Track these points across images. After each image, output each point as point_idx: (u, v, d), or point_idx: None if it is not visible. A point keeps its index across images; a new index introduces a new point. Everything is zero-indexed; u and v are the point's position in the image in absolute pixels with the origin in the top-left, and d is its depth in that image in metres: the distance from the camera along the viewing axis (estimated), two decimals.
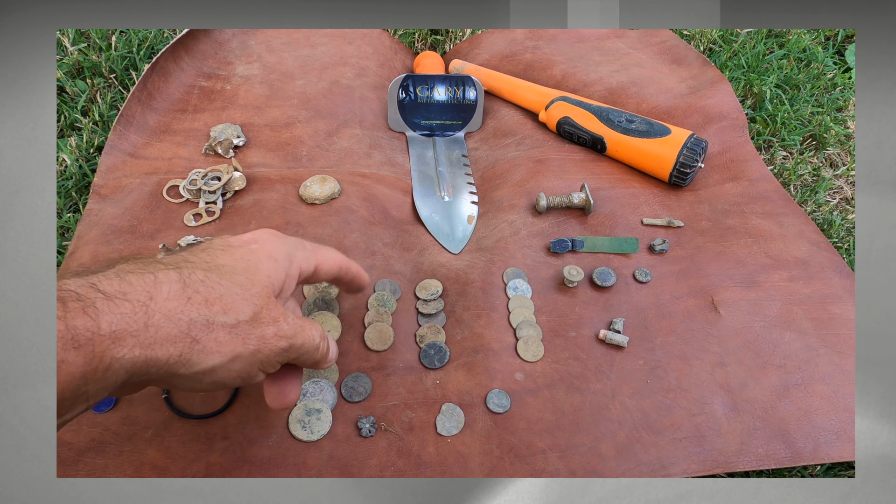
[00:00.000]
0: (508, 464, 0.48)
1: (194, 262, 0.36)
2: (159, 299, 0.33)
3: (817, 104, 0.84)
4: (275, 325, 0.37)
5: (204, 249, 0.38)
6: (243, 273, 0.37)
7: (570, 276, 0.59)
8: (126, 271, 0.33)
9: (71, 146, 0.71)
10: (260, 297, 0.37)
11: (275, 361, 0.38)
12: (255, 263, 0.38)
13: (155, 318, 0.32)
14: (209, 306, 0.34)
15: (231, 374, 0.36)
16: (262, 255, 0.39)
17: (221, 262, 0.37)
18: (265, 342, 0.37)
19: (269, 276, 0.38)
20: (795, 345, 0.56)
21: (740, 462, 0.49)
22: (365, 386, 0.52)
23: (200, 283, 0.35)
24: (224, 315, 0.35)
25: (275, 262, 0.39)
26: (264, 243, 0.40)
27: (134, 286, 0.33)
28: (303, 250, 0.43)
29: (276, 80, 0.82)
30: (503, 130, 0.80)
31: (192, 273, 0.35)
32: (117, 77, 0.82)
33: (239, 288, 0.36)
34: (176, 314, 0.33)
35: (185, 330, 0.33)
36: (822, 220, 0.70)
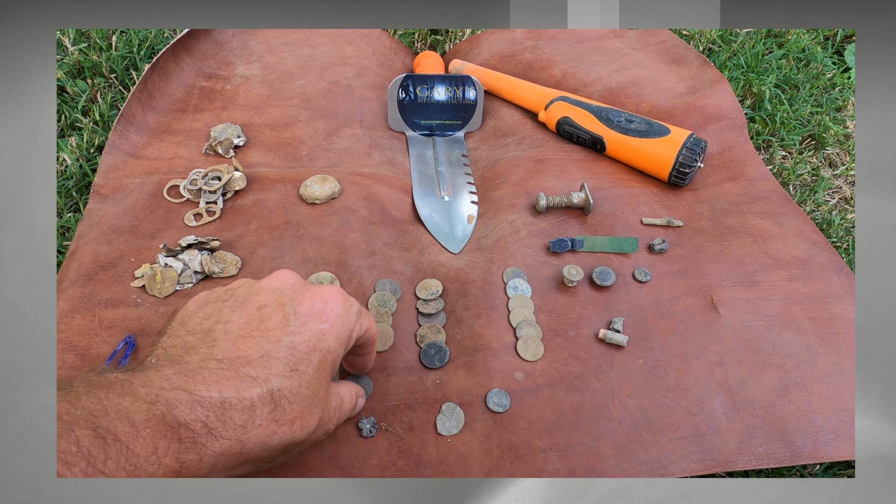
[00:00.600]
0: (508, 463, 0.48)
1: (274, 366, 0.37)
2: (252, 427, 0.35)
3: (816, 104, 0.84)
4: (326, 425, 0.40)
5: (282, 329, 0.39)
6: (314, 373, 0.38)
7: (570, 275, 0.59)
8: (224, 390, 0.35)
9: (71, 146, 0.71)
10: (323, 400, 0.39)
11: (331, 427, 0.42)
12: (324, 354, 0.39)
13: (248, 446, 0.35)
14: (291, 426, 0.37)
15: (302, 447, 0.39)
16: (332, 340, 0.40)
17: (297, 360, 0.38)
18: (322, 426, 0.40)
19: (334, 365, 0.40)
20: (794, 344, 0.56)
21: (740, 461, 0.49)
22: (367, 387, 0.52)
23: (286, 402, 0.36)
24: (302, 431, 0.37)
25: (339, 344, 0.40)
26: (334, 323, 0.40)
27: (233, 418, 0.34)
28: (358, 322, 0.43)
29: (277, 80, 0.82)
30: (503, 130, 0.80)
31: (279, 390, 0.36)
32: (118, 77, 0.82)
33: (313, 396, 0.38)
34: (264, 439, 0.35)
35: (267, 455, 0.36)
36: (821, 219, 0.70)
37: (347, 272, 0.59)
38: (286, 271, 0.44)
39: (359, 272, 0.59)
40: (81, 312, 0.55)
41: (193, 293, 0.57)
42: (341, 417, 0.43)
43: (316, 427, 0.39)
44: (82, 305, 0.55)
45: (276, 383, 0.36)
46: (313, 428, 0.38)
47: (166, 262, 0.58)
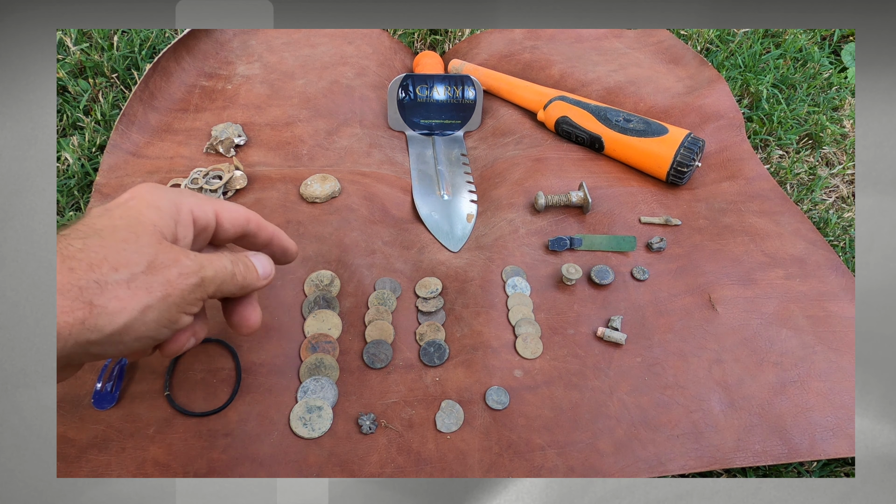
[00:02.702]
0: (507, 460, 0.48)
1: (69, 234, 0.35)
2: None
3: (813, 103, 0.85)
4: (176, 265, 0.36)
5: (81, 220, 0.37)
6: (125, 229, 0.36)
7: (569, 273, 0.59)
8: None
9: (73, 145, 0.71)
10: (150, 246, 0.36)
11: (192, 299, 0.38)
12: (136, 216, 0.37)
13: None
14: (95, 269, 0.34)
15: (150, 325, 0.35)
16: (143, 207, 0.38)
17: (100, 227, 0.36)
18: (172, 285, 0.36)
19: (153, 224, 0.37)
20: (792, 342, 0.56)
21: (737, 458, 0.49)
22: (386, 352, 0.54)
23: (79, 251, 0.34)
24: (115, 273, 0.34)
25: (157, 209, 0.38)
26: (142, 196, 0.39)
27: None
28: (194, 198, 0.41)
29: (277, 80, 0.82)
30: (502, 129, 0.80)
31: (69, 244, 0.34)
32: (119, 77, 0.82)
33: (123, 244, 0.35)
34: (62, 287, 0.32)
35: (76, 297, 0.33)
36: (818, 218, 0.70)
37: (347, 271, 0.60)
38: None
39: (359, 271, 0.60)
40: None
41: None
42: (223, 267, 0.40)
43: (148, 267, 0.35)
44: None
45: (62, 244, 0.34)
46: (141, 269, 0.35)
47: None
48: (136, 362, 0.52)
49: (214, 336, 0.54)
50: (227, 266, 0.40)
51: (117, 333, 0.34)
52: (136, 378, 0.52)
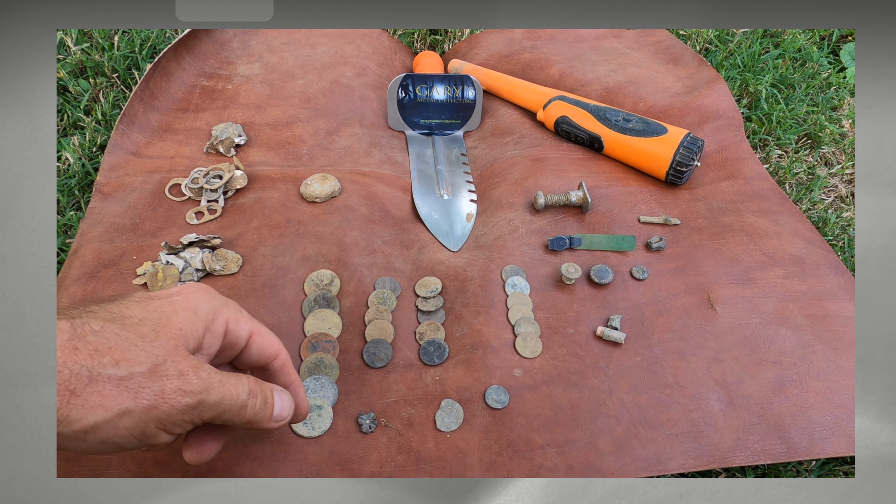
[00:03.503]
0: (507, 459, 0.48)
1: (96, 311, 0.34)
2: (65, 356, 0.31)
3: (812, 103, 0.85)
4: (180, 378, 0.34)
5: (117, 300, 0.36)
6: (151, 324, 0.34)
7: (568, 273, 0.59)
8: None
9: (74, 145, 0.72)
10: (164, 349, 0.34)
11: (179, 420, 0.34)
12: (169, 315, 0.36)
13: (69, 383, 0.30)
14: (97, 357, 0.32)
15: (120, 432, 0.32)
16: (179, 307, 0.36)
17: (129, 314, 0.35)
18: (164, 397, 0.33)
19: (181, 328, 0.35)
20: (791, 341, 0.56)
21: (736, 457, 0.49)
22: (386, 352, 0.54)
23: (93, 333, 0.32)
24: (114, 367, 0.32)
25: (193, 314, 0.37)
26: (186, 296, 0.38)
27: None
28: (235, 311, 0.40)
29: (277, 80, 0.83)
30: (501, 129, 0.80)
31: (87, 323, 0.33)
32: (120, 76, 0.82)
33: (139, 339, 0.33)
34: (60, 366, 0.31)
35: (63, 382, 0.31)
36: (816, 217, 0.71)
37: (347, 270, 0.60)
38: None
39: (359, 270, 0.60)
40: None
41: None
42: (234, 395, 0.36)
43: (150, 371, 0.33)
44: (85, 303, 0.56)
45: (80, 321, 0.33)
46: (142, 370, 0.33)
47: (168, 259, 0.59)
48: None
49: None
50: (241, 396, 0.37)
51: (83, 431, 0.32)
52: None
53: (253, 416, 0.38)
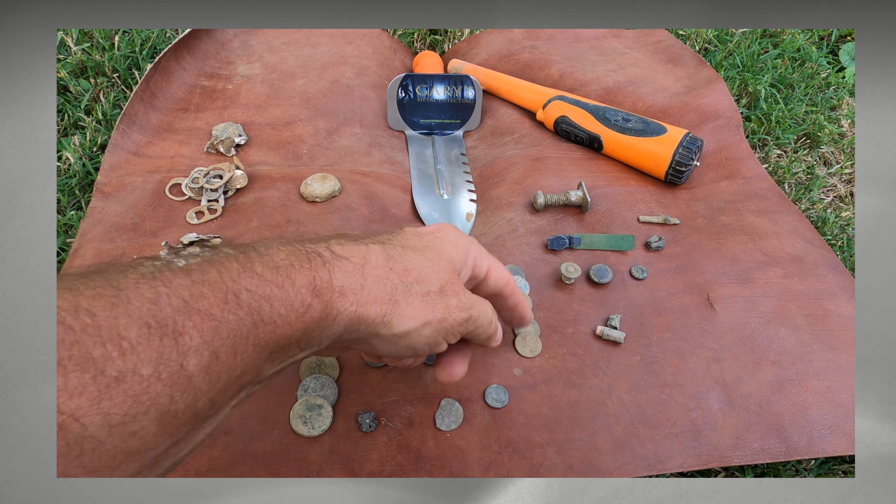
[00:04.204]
0: (507, 458, 0.48)
1: (392, 240, 0.40)
2: (370, 265, 0.37)
3: (811, 103, 0.85)
4: (457, 297, 0.40)
5: (397, 233, 0.42)
6: (431, 251, 0.41)
7: (568, 272, 0.60)
8: (344, 239, 0.38)
9: (74, 145, 0.72)
10: (446, 272, 0.40)
11: (457, 331, 0.41)
12: (441, 246, 0.42)
13: (368, 280, 0.36)
14: (407, 275, 0.38)
15: (422, 339, 0.39)
16: (446, 241, 0.42)
17: (413, 244, 0.41)
18: (450, 312, 0.39)
19: (451, 257, 0.42)
20: (790, 341, 0.56)
21: (735, 456, 0.49)
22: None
23: (400, 255, 0.39)
24: (418, 285, 0.38)
25: (455, 247, 0.42)
26: (446, 232, 0.43)
27: (353, 252, 0.37)
28: (479, 248, 0.45)
29: (277, 80, 0.83)
30: (501, 129, 0.80)
31: (393, 248, 0.39)
32: (120, 76, 0.82)
33: (429, 262, 0.40)
34: (383, 279, 0.37)
35: (389, 293, 0.37)
36: (816, 217, 0.71)
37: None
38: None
39: None
40: None
41: None
42: (485, 313, 0.43)
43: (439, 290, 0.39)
44: None
45: (388, 245, 0.39)
46: (435, 289, 0.39)
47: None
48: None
49: None
50: (489, 314, 0.43)
51: (399, 336, 0.38)
52: None
53: (493, 331, 0.45)
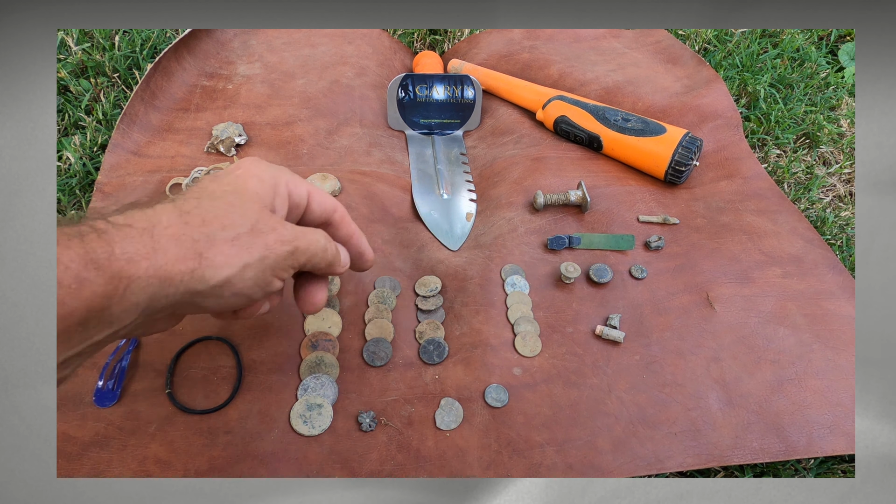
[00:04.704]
0: (506, 458, 0.49)
1: (186, 194, 0.39)
2: (161, 226, 0.35)
3: (810, 103, 0.85)
4: (274, 232, 0.39)
5: (195, 185, 0.41)
6: (232, 195, 0.39)
7: (567, 272, 0.60)
8: (129, 208, 0.36)
9: (75, 144, 0.72)
10: (253, 211, 0.39)
11: (285, 265, 0.40)
12: (243, 184, 0.40)
13: (161, 241, 0.34)
14: (207, 225, 0.36)
15: (247, 282, 0.38)
16: (248, 177, 0.41)
17: (211, 190, 0.39)
18: (269, 248, 0.38)
19: (257, 192, 0.40)
20: (789, 340, 0.57)
21: (735, 456, 0.49)
22: (386, 350, 0.54)
23: (195, 208, 0.37)
24: (223, 231, 0.37)
25: (260, 181, 0.41)
26: (247, 168, 0.42)
27: (137, 218, 0.35)
28: (291, 175, 0.44)
29: (277, 80, 0.83)
30: (501, 129, 0.81)
31: (186, 202, 0.37)
32: (120, 76, 0.82)
33: (231, 207, 0.38)
34: (179, 236, 0.35)
35: (190, 248, 0.35)
36: (815, 217, 0.71)
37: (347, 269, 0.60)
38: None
39: None
40: None
41: None
42: (316, 241, 0.42)
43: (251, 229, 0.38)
44: None
45: (179, 201, 0.37)
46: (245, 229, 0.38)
47: None
48: (136, 360, 0.53)
49: (215, 334, 0.54)
50: (321, 241, 0.42)
51: (219, 286, 0.37)
52: (138, 376, 0.52)
53: (332, 258, 0.44)
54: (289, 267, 0.40)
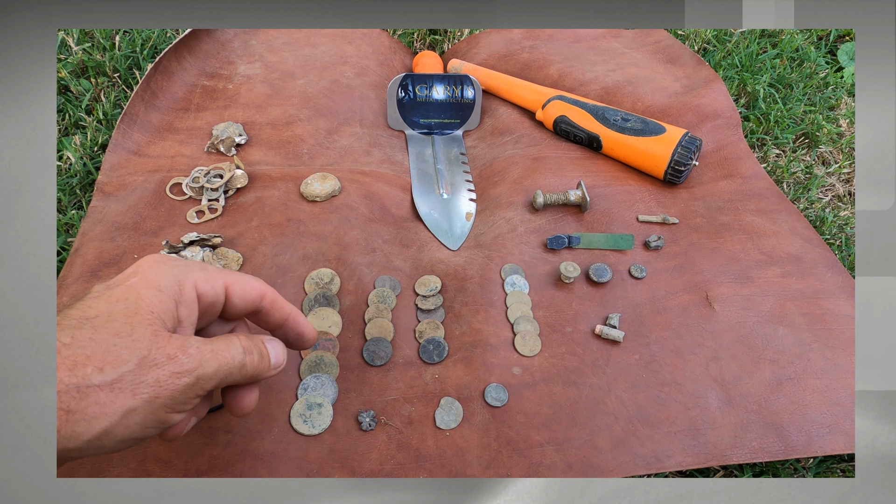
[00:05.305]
0: (506, 457, 0.49)
1: (62, 322, 0.33)
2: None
3: (810, 103, 0.85)
4: (171, 362, 0.33)
5: (77, 302, 0.35)
6: (121, 317, 0.33)
7: (567, 272, 0.60)
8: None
9: (75, 144, 0.72)
10: (144, 339, 0.33)
11: (184, 399, 0.34)
12: (135, 300, 0.34)
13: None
14: (78, 369, 0.31)
15: (134, 428, 0.33)
16: (142, 288, 0.35)
17: (95, 313, 0.34)
18: (162, 385, 0.33)
19: (152, 310, 0.34)
20: (788, 340, 0.57)
21: (734, 455, 0.49)
22: (386, 350, 0.54)
23: (66, 347, 0.31)
24: (100, 374, 0.31)
25: (158, 291, 0.36)
26: (144, 274, 0.36)
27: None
28: (201, 271, 0.38)
29: (278, 80, 0.83)
30: (501, 129, 0.81)
31: (65, 332, 0.32)
32: (121, 76, 0.82)
33: (116, 337, 0.33)
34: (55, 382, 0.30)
35: (58, 404, 0.30)
36: (814, 216, 0.71)
37: (347, 269, 0.60)
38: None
39: (359, 269, 0.60)
40: None
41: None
42: (229, 360, 0.37)
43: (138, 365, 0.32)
44: None
45: (63, 336, 0.32)
46: (131, 367, 0.32)
47: None
48: None
49: None
50: (237, 357, 0.37)
51: (96, 439, 0.31)
52: None
53: (254, 371, 0.38)
54: (190, 399, 0.35)
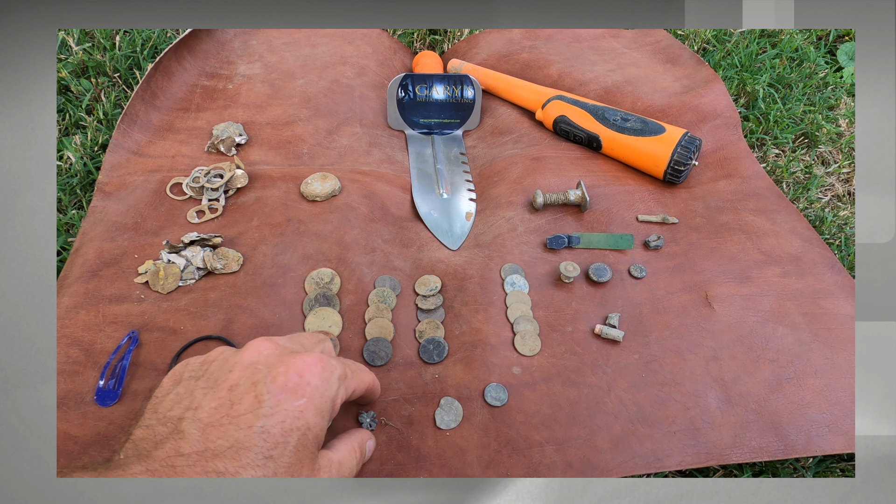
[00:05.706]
0: (506, 457, 0.49)
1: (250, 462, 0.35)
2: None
3: (809, 103, 0.85)
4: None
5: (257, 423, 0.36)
6: (292, 453, 0.36)
7: (567, 271, 0.60)
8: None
9: (76, 144, 0.72)
10: (304, 472, 0.37)
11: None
12: (304, 431, 0.37)
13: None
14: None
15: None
16: (310, 416, 0.37)
17: (273, 444, 0.36)
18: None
19: (317, 444, 0.38)
20: (788, 339, 0.57)
21: (734, 454, 0.49)
22: (386, 350, 0.54)
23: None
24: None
25: (321, 419, 0.38)
26: (312, 398, 0.38)
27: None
28: (343, 386, 0.41)
29: (278, 80, 0.83)
30: (500, 129, 0.81)
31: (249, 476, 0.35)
32: (121, 76, 0.82)
33: (288, 471, 0.36)
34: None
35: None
36: (813, 216, 0.71)
37: (347, 268, 0.60)
38: (262, 341, 0.41)
39: (359, 268, 0.60)
40: (85, 308, 0.56)
41: (196, 289, 0.58)
42: (347, 475, 0.42)
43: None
44: (86, 301, 0.56)
45: (246, 475, 0.34)
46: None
47: (169, 258, 0.59)
48: (137, 359, 0.53)
49: (216, 333, 0.55)
50: (352, 463, 0.43)
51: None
52: (139, 375, 0.52)
53: (359, 463, 0.44)
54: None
